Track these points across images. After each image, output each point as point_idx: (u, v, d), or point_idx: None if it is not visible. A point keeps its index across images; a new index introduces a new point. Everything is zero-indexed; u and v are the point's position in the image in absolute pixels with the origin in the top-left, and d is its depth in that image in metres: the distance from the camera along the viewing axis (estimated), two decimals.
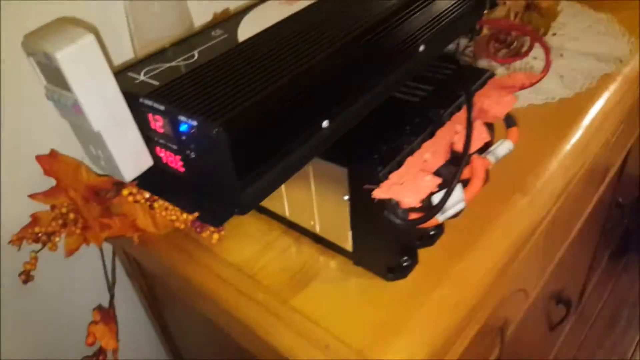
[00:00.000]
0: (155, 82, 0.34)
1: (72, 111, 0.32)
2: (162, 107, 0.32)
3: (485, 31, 0.61)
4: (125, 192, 0.46)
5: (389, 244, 0.40)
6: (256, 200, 0.33)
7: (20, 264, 0.51)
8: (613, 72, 0.60)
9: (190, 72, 0.34)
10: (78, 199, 0.49)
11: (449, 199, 0.36)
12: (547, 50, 0.42)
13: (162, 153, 0.35)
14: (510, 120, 0.42)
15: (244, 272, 0.44)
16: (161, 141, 0.34)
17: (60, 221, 0.51)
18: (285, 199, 0.45)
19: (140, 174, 0.36)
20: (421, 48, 0.44)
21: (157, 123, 0.33)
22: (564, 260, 0.72)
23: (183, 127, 0.31)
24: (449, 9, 0.45)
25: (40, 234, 0.51)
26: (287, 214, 0.46)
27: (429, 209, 0.36)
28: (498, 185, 0.47)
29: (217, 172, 0.32)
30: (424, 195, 0.34)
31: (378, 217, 0.35)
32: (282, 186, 0.43)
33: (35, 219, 0.51)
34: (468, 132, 0.37)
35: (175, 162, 0.35)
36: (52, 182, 0.50)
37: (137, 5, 0.48)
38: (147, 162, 0.36)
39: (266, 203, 0.48)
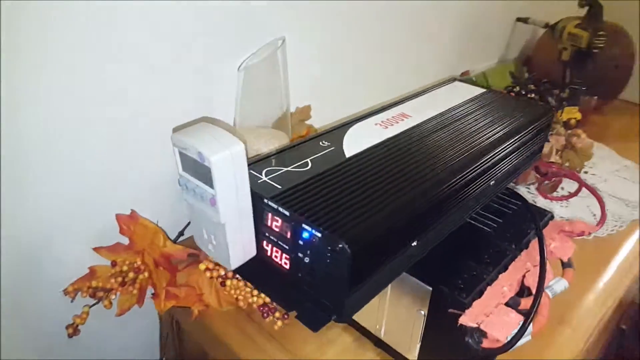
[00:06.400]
0: (278, 186, 0.38)
1: (206, 203, 0.35)
2: (287, 212, 0.35)
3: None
4: (202, 266, 0.48)
5: None
6: (355, 310, 0.36)
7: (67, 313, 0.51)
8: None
9: (308, 180, 0.38)
10: (151, 264, 0.50)
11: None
12: (602, 205, 0.48)
13: (268, 247, 0.38)
14: (567, 261, 0.47)
15: None
16: (272, 238, 0.38)
17: (119, 279, 0.52)
18: None
19: (243, 263, 0.39)
20: (491, 183, 0.49)
21: (275, 223, 0.37)
22: None
23: (305, 234, 0.35)
24: (519, 153, 0.51)
25: (97, 289, 0.52)
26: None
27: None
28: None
29: (329, 280, 0.35)
30: (509, 332, 0.37)
31: (456, 339, 0.38)
32: None
33: (92, 272, 0.53)
34: (542, 273, 0.41)
35: (281, 259, 0.38)
36: (112, 238, 0.52)
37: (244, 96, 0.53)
38: (252, 252, 0.39)
39: None
